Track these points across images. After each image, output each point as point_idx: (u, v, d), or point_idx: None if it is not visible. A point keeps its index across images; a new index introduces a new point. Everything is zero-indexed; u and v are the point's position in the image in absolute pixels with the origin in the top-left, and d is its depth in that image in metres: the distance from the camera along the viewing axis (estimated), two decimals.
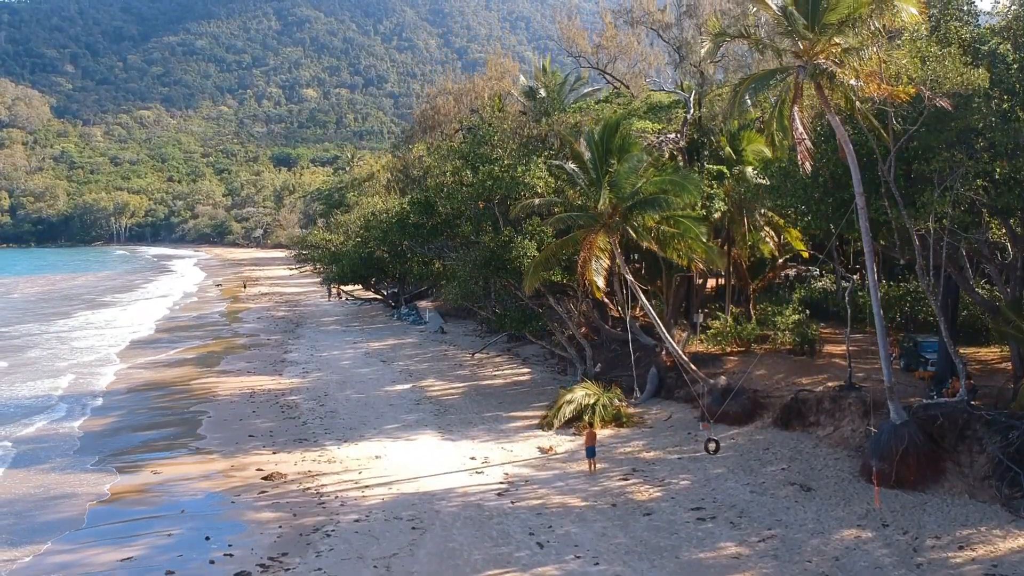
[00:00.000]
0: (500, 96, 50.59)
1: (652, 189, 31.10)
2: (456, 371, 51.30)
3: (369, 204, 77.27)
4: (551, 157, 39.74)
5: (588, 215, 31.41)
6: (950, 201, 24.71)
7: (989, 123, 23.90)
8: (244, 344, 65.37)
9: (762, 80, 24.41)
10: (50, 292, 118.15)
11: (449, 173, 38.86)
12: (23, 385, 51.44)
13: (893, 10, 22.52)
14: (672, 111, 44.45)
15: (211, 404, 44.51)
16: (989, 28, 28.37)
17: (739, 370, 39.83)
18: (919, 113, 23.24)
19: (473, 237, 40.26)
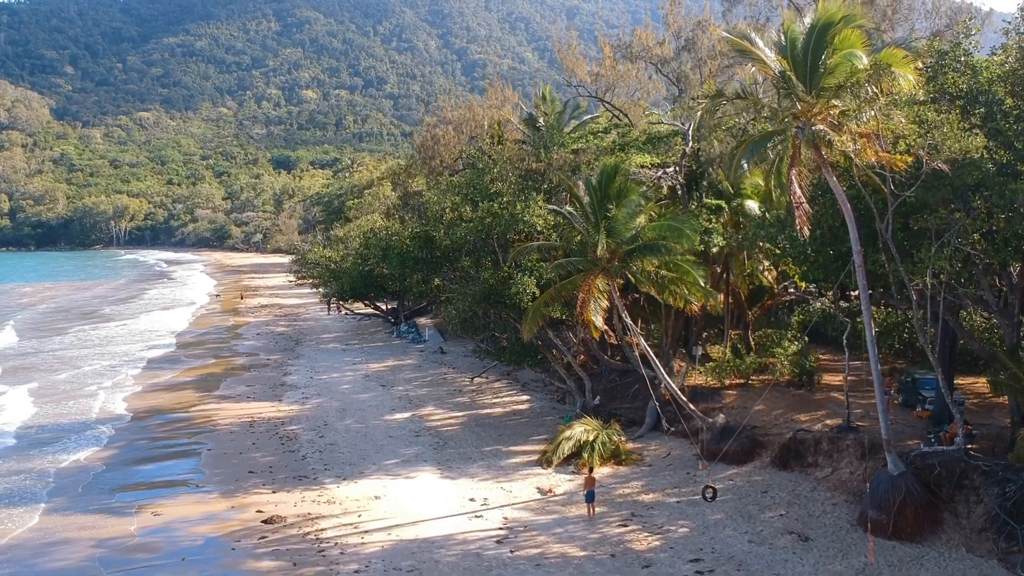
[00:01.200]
0: (500, 123, 50.66)
1: (651, 235, 31.21)
2: (455, 397, 51.38)
3: (368, 221, 77.26)
4: (550, 191, 39.86)
5: (587, 260, 31.51)
6: (947, 257, 24.79)
7: (986, 181, 23.97)
8: (243, 365, 65.40)
9: (760, 143, 24.47)
10: (64, 304, 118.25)
11: (448, 209, 38.93)
12: (23, 412, 51.46)
13: (891, 77, 22.60)
14: (671, 141, 44.53)
15: (211, 435, 44.58)
16: (988, 78, 28.42)
17: (738, 405, 39.99)
18: (917, 173, 23.32)
19: (473, 271, 40.38)
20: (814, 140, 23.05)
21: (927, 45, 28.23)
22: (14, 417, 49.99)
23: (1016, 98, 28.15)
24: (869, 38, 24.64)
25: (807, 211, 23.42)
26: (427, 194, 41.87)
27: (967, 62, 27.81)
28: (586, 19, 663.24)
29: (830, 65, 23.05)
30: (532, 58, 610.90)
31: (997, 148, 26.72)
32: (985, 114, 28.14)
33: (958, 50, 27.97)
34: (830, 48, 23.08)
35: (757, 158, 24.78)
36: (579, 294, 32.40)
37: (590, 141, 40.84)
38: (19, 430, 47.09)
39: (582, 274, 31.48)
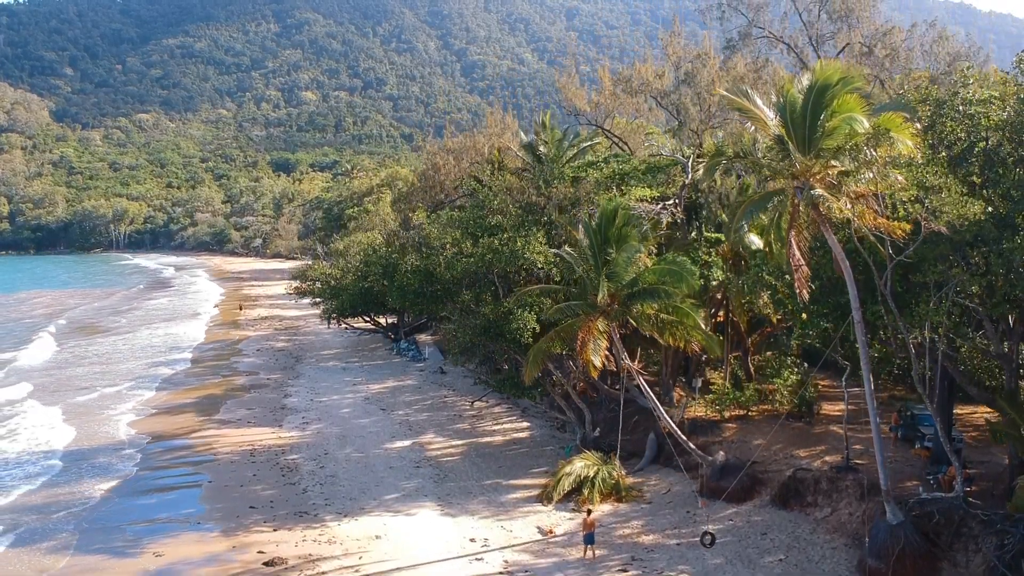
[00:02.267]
0: (500, 150, 50.78)
1: (651, 279, 31.36)
2: (455, 423, 51.49)
3: (368, 238, 77.37)
4: (550, 225, 40.00)
5: (587, 304, 31.64)
6: (945, 311, 24.91)
7: (984, 237, 24.08)
8: (244, 385, 65.48)
9: (759, 203, 24.60)
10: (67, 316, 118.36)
11: (449, 244, 39.06)
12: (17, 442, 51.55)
13: (889, 141, 22.72)
14: (671, 170, 44.62)
15: (212, 465, 44.67)
16: (985, 124, 28.54)
17: (738, 439, 40.10)
18: (915, 236, 23.44)
19: (473, 305, 40.54)
20: (813, 201, 23.16)
21: (924, 93, 28.30)
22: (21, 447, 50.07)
23: (1014, 144, 28.31)
24: (868, 100, 24.75)
25: (806, 273, 23.54)
26: (428, 228, 41.91)
27: (965, 112, 27.91)
28: (585, 20, 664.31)
29: (828, 128, 23.17)
30: (532, 59, 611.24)
31: (994, 197, 26.89)
32: (983, 162, 28.32)
33: (955, 99, 28.08)
34: (828, 110, 23.19)
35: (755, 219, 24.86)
36: (579, 334, 32.53)
37: (589, 174, 40.87)
38: (22, 457, 47.18)
39: (582, 317, 31.59)
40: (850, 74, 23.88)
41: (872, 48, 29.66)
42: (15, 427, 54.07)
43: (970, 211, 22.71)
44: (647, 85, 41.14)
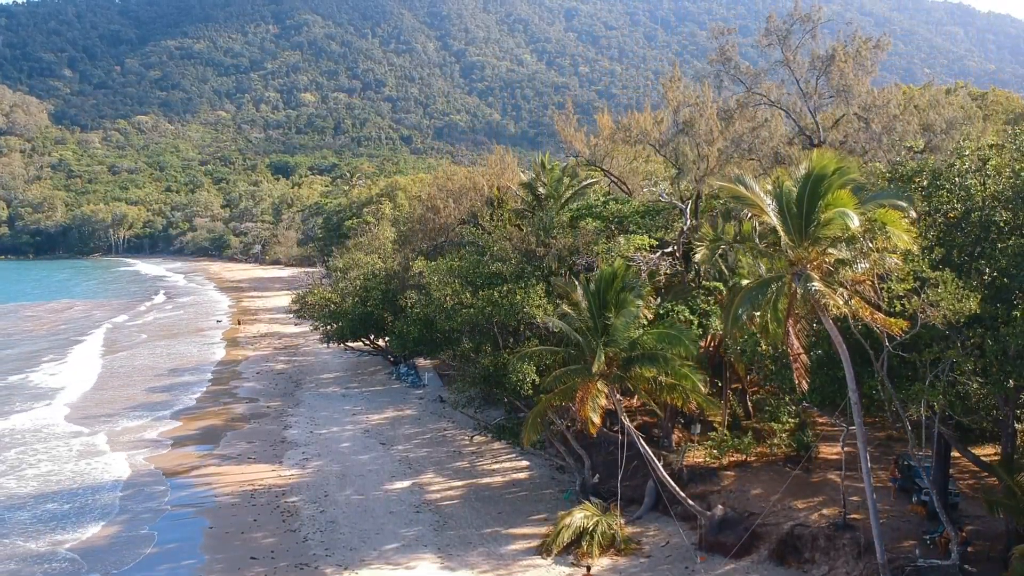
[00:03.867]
0: (500, 189, 50.97)
1: (649, 343, 31.57)
2: (455, 461, 51.67)
3: (368, 262, 77.60)
4: (550, 274, 40.21)
5: (586, 367, 31.84)
6: (941, 390, 25.11)
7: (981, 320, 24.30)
8: (243, 414, 65.64)
9: (757, 290, 24.79)
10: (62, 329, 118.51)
11: (449, 295, 39.29)
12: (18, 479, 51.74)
13: (885, 235, 22.92)
14: (670, 213, 44.79)
15: (212, 510, 44.83)
16: (981, 194, 28.74)
17: (736, 488, 40.29)
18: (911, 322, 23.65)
19: (473, 355, 40.77)
20: (810, 296, 23.34)
21: (920, 164, 28.50)
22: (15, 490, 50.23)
23: (1010, 211, 28.53)
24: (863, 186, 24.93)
25: (805, 363, 23.75)
26: (428, 277, 42.11)
27: (961, 184, 28.12)
28: (584, 20, 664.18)
29: (824, 219, 23.37)
30: (531, 59, 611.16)
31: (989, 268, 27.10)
32: (979, 231, 28.54)
33: (951, 171, 28.28)
34: (823, 200, 23.39)
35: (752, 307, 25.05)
36: (578, 393, 32.73)
37: (588, 223, 41.07)
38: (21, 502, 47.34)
39: (581, 380, 31.80)
40: (845, 165, 24.08)
41: (870, 122, 29.83)
42: (18, 463, 54.22)
43: (966, 306, 22.90)
44: (646, 135, 41.28)
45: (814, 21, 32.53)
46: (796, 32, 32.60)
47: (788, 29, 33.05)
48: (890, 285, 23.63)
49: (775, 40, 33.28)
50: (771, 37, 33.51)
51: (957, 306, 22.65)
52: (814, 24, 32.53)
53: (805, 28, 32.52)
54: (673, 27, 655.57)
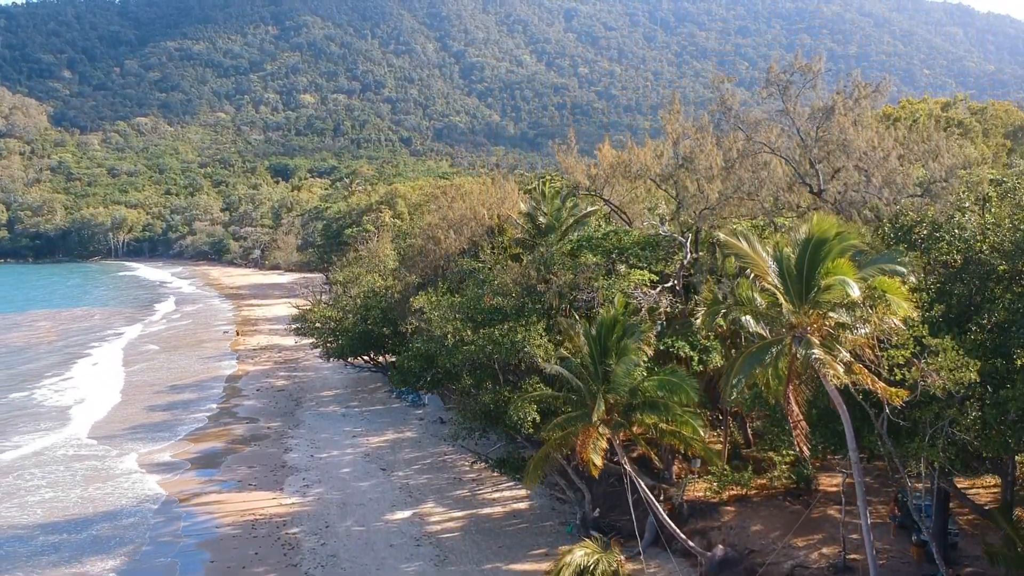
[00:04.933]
0: (500, 217, 51.11)
1: (650, 391, 31.68)
2: (455, 489, 51.76)
3: (368, 281, 77.69)
4: (551, 312, 40.31)
5: (586, 413, 31.94)
6: (940, 447, 25.22)
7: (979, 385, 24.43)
8: (244, 436, 65.75)
9: (757, 354, 24.89)
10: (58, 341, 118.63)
11: (450, 333, 39.41)
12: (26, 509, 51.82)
13: (885, 304, 23.02)
14: (670, 245, 44.82)
15: (213, 542, 44.94)
16: (981, 243, 28.83)
17: (737, 524, 40.43)
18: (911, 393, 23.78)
19: (474, 390, 40.91)
20: (810, 364, 23.44)
21: (920, 215, 28.61)
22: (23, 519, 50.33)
23: (1009, 262, 28.63)
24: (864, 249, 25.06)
25: (804, 430, 23.85)
26: (429, 313, 42.23)
27: (960, 236, 28.21)
28: (584, 21, 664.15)
29: (824, 285, 23.46)
30: (530, 60, 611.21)
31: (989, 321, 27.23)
32: (978, 283, 28.64)
33: (951, 224, 28.38)
34: (824, 265, 23.49)
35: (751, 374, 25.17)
36: (579, 437, 32.84)
37: (587, 257, 41.15)
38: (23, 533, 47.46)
39: (582, 426, 31.90)
40: (845, 230, 24.19)
41: (870, 176, 29.93)
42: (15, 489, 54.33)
43: (966, 376, 22.99)
44: (646, 170, 41.34)
45: (814, 72, 32.64)
46: (796, 83, 32.71)
47: (788, 80, 33.17)
48: (890, 353, 23.73)
49: (775, 91, 33.41)
50: (771, 88, 33.61)
51: (957, 375, 22.77)
52: (814, 75, 32.66)
53: (806, 79, 32.67)
54: (672, 28, 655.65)
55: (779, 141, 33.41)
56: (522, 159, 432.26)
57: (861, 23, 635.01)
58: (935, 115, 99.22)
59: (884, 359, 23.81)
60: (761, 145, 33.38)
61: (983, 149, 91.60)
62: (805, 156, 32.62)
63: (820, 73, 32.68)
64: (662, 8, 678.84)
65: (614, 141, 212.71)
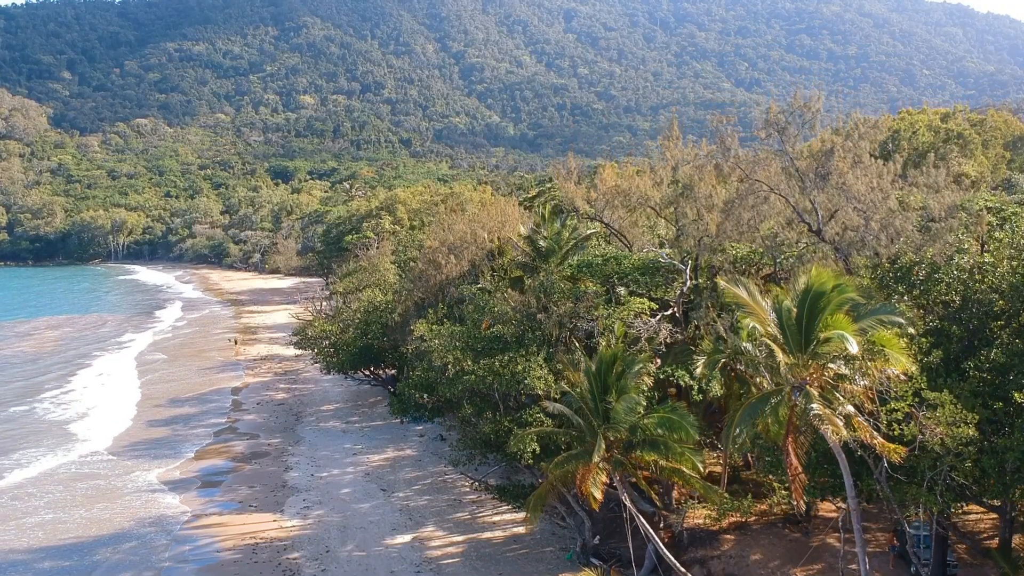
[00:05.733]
0: (500, 239, 51.18)
1: (650, 429, 31.79)
2: (456, 512, 51.84)
3: (369, 295, 77.76)
4: (551, 342, 40.41)
5: (586, 451, 32.05)
6: (939, 494, 25.32)
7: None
8: (244, 453, 65.88)
9: (757, 405, 25.01)
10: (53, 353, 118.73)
11: (451, 363, 39.53)
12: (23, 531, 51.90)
13: (884, 358, 23.12)
14: (670, 271, 44.90)
15: (214, 567, 45.08)
16: (980, 284, 28.93)
17: (736, 553, 40.55)
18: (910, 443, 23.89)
19: (474, 419, 41.04)
20: (810, 420, 23.56)
21: (919, 255, 28.72)
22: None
23: (1007, 301, 28.73)
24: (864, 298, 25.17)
25: (803, 482, 23.97)
26: (429, 342, 42.31)
27: (959, 277, 28.31)
28: (583, 22, 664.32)
29: (822, 338, 23.57)
30: (530, 61, 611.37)
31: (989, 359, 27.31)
32: (979, 322, 28.73)
33: (950, 266, 28.48)
34: (822, 316, 23.60)
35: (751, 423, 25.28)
36: (578, 472, 32.95)
37: (588, 286, 41.26)
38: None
39: (583, 463, 32.01)
40: (843, 282, 24.29)
41: (869, 219, 30.02)
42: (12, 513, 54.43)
43: (964, 432, 23.10)
44: (646, 199, 41.42)
45: (812, 111, 32.70)
46: (795, 123, 32.76)
47: (787, 122, 33.24)
48: (889, 407, 23.84)
49: (773, 131, 33.47)
50: (769, 129, 33.66)
51: (955, 431, 22.88)
52: (812, 115, 32.71)
53: (804, 119, 32.73)
54: (672, 28, 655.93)
55: (778, 179, 33.49)
56: (522, 160, 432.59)
57: (861, 23, 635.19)
58: (934, 126, 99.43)
59: (883, 413, 23.91)
60: (760, 184, 33.47)
61: (982, 161, 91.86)
62: (804, 195, 32.70)
63: (819, 113, 32.78)
64: (662, 8, 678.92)
65: (614, 142, 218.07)
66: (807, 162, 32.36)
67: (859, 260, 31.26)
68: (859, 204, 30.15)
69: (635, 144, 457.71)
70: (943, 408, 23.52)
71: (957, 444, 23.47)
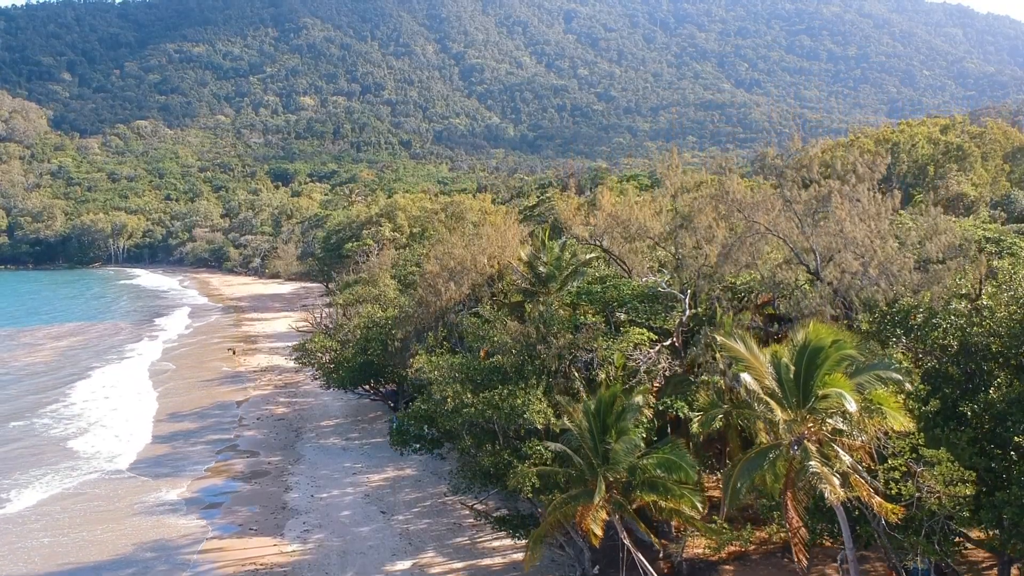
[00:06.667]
0: (500, 263, 51.31)
1: (649, 470, 31.89)
2: (456, 536, 51.90)
3: (368, 311, 77.88)
4: (551, 374, 40.51)
5: (586, 492, 32.15)
6: (935, 544, 25.39)
7: None
8: (244, 472, 65.96)
9: (756, 460, 25.09)
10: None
11: (450, 397, 39.63)
12: None
13: (882, 416, 23.20)
14: (669, 300, 44.99)
15: None
16: (976, 326, 28.98)
17: None
18: None
19: (473, 451, 41.14)
20: (810, 481, 23.66)
21: (917, 300, 28.79)
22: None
23: (1005, 344, 28.80)
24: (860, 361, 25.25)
25: (803, 537, 24.02)
26: (429, 374, 42.43)
27: (956, 323, 28.38)
28: (583, 22, 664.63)
29: (820, 394, 23.66)
30: (530, 62, 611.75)
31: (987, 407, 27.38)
32: (975, 368, 28.79)
33: (947, 311, 28.55)
34: (820, 371, 23.69)
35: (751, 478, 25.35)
36: (578, 512, 33.04)
37: (588, 317, 41.38)
38: None
39: (582, 504, 32.10)
40: (841, 339, 24.37)
41: (867, 266, 30.11)
42: None
43: (962, 491, 23.17)
44: (645, 230, 41.51)
45: (810, 157, 32.76)
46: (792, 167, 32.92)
47: (784, 167, 33.30)
48: (888, 465, 23.92)
49: (772, 176, 33.51)
50: (766, 174, 33.70)
51: (953, 490, 22.96)
52: (810, 160, 32.76)
53: (802, 163, 32.80)
54: (672, 29, 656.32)
55: (777, 221, 33.56)
56: (522, 161, 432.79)
57: (861, 24, 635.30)
58: (934, 138, 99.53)
59: (881, 472, 24.01)
60: (759, 226, 33.54)
61: (982, 174, 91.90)
62: (803, 237, 32.76)
63: (816, 159, 32.87)
64: (662, 9, 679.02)
65: (613, 144, 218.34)
66: (804, 206, 32.42)
67: (857, 302, 31.30)
68: (858, 249, 30.23)
69: (635, 145, 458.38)
70: (940, 466, 23.59)
71: (955, 504, 23.56)
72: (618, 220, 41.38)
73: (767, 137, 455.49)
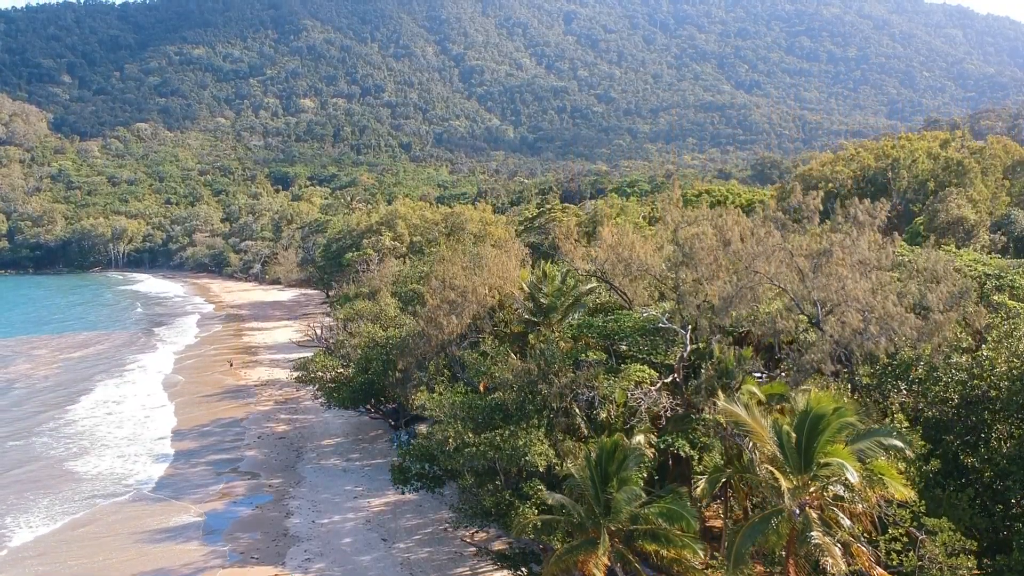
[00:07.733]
0: (501, 293, 51.39)
1: (651, 519, 31.94)
2: (457, 566, 51.89)
3: (368, 331, 77.96)
4: (553, 412, 40.60)
5: (588, 542, 32.22)
6: None
7: None
8: (245, 495, 66.03)
9: (759, 526, 25.16)
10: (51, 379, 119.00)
11: (452, 437, 39.73)
12: None
13: (883, 485, 23.29)
14: (669, 335, 45.07)
15: None
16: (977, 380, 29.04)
17: None
18: None
19: (475, 490, 41.22)
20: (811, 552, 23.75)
21: (918, 352, 28.86)
22: None
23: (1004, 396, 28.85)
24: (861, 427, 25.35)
25: None
26: (430, 412, 42.54)
27: (957, 377, 28.45)
28: (583, 24, 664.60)
29: (822, 461, 23.75)
30: (530, 63, 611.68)
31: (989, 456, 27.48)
32: (976, 421, 28.86)
33: (948, 365, 28.61)
34: (821, 440, 23.77)
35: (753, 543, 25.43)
36: (579, 559, 33.11)
37: (590, 355, 41.48)
38: None
39: (584, 554, 32.17)
40: (843, 406, 24.45)
41: (868, 323, 30.14)
42: None
43: (963, 563, 23.25)
44: (646, 268, 41.56)
45: (811, 208, 32.85)
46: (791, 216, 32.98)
47: (785, 220, 33.36)
48: (889, 535, 24.00)
49: (772, 225, 33.57)
50: (768, 225, 33.78)
51: (954, 562, 23.03)
52: (811, 211, 32.84)
53: (803, 214, 32.88)
54: (672, 30, 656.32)
55: (778, 271, 33.61)
56: (522, 164, 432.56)
57: (860, 25, 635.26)
58: (933, 153, 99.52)
59: (883, 542, 24.09)
60: (761, 276, 33.60)
61: (981, 190, 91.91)
62: (804, 288, 32.83)
63: (817, 210, 32.93)
64: (661, 10, 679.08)
65: (613, 145, 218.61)
66: (806, 260, 32.49)
67: (858, 354, 31.35)
68: (859, 304, 30.29)
69: (635, 147, 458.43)
70: (942, 535, 23.67)
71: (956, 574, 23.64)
72: (619, 257, 41.42)
73: (767, 139, 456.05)
